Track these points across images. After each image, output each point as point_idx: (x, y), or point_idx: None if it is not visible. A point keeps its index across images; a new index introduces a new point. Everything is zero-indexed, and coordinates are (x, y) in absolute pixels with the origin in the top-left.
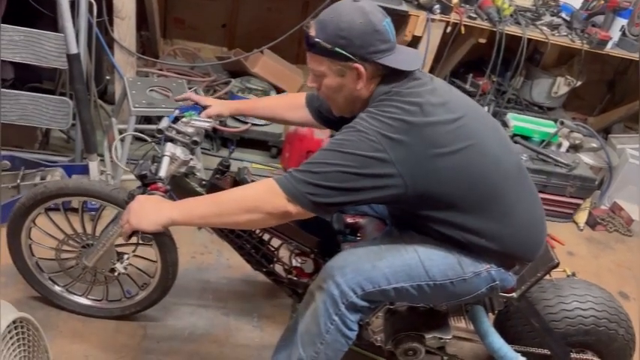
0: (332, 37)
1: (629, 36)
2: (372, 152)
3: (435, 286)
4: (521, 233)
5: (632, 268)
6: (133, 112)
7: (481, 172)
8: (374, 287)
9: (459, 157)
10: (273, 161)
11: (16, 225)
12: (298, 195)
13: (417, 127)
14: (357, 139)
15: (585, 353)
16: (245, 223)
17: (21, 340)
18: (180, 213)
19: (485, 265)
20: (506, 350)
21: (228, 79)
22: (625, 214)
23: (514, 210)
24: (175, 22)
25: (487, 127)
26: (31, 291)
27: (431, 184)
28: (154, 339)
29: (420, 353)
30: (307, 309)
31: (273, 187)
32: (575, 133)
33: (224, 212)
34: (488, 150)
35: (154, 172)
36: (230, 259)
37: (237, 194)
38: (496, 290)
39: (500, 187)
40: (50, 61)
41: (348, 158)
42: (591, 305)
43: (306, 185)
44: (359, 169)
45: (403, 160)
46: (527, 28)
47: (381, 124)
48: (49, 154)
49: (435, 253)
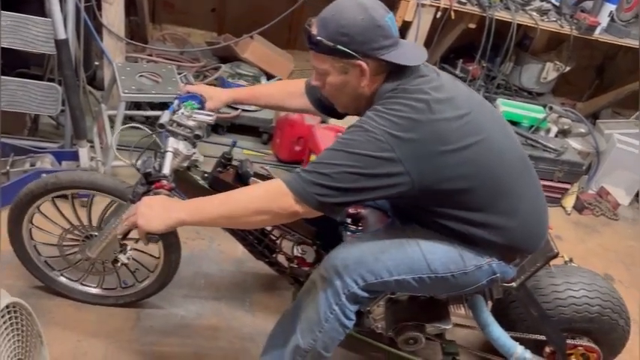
0: (333, 34)
1: (618, 21)
2: (379, 152)
3: (437, 279)
4: (526, 226)
5: (618, 251)
6: (123, 97)
7: (488, 167)
8: (376, 279)
9: (466, 154)
10: (264, 147)
11: (20, 210)
12: (306, 195)
13: (424, 125)
14: (365, 139)
15: (581, 339)
16: (254, 223)
17: (14, 325)
18: (188, 214)
19: (487, 258)
20: (505, 339)
21: (218, 65)
22: (612, 199)
23: (519, 204)
24: (164, 7)
25: (493, 122)
26: (24, 277)
27: (438, 180)
28: (146, 324)
29: (420, 341)
30: (308, 297)
31: (281, 187)
32: (563, 118)
33: (233, 214)
34: (494, 145)
35: (158, 169)
36: (222, 244)
37: (246, 195)
38: (496, 282)
39: (506, 182)
40: (38, 46)
41: (355, 159)
42: (598, 294)
43: (313, 186)
44: (367, 169)
45: (410, 157)
46: (517, 13)
47: (388, 122)
48: (39, 140)
49: (438, 247)
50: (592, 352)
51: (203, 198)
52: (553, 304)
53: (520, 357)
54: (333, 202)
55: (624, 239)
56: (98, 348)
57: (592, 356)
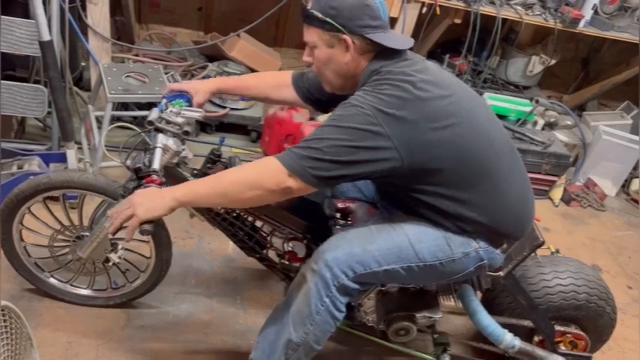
0: (324, 7)
1: (602, 14)
2: (367, 125)
3: (425, 267)
4: (512, 210)
5: (605, 242)
6: (110, 98)
7: (474, 147)
8: (365, 270)
9: (452, 131)
10: (253, 145)
11: (11, 210)
12: (299, 169)
13: (411, 103)
14: (353, 112)
15: (569, 327)
16: (248, 200)
17: (3, 329)
18: (183, 194)
19: (474, 244)
20: (494, 327)
21: (206, 64)
22: (599, 190)
23: (506, 186)
24: (150, 6)
25: (478, 107)
26: (13, 280)
27: (426, 157)
28: (137, 324)
29: (411, 332)
30: (299, 291)
31: (274, 163)
32: (550, 111)
33: (227, 190)
34: (479, 127)
35: (148, 164)
36: (211, 243)
37: (239, 172)
38: (484, 269)
39: (492, 163)
40: (22, 48)
41: (344, 132)
42: (584, 282)
43: (306, 159)
44: (355, 141)
45: (398, 134)
46: (502, 7)
47: (376, 99)
48: (26, 142)
49: (425, 236)
50: (580, 340)
51: (196, 180)
52: (542, 292)
53: (509, 344)
54: (325, 175)
55: (611, 230)
56: (89, 349)
57: (580, 344)
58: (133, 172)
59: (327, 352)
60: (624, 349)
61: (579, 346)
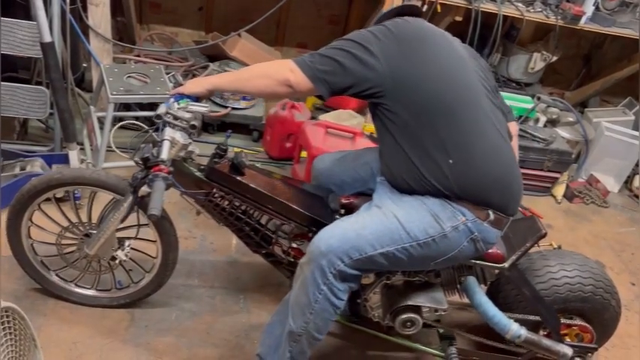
0: None
1: (603, 10)
2: (362, 41)
3: (419, 246)
4: (488, 170)
5: (608, 239)
6: (111, 99)
7: (450, 96)
8: (360, 254)
9: (430, 64)
10: (255, 145)
11: (22, 206)
12: (300, 61)
13: (394, 34)
14: (355, 32)
15: (575, 319)
16: (258, 86)
17: (7, 330)
18: (217, 79)
19: (460, 217)
20: (499, 317)
21: (207, 64)
22: (601, 186)
23: (472, 137)
24: (151, 7)
25: (464, 61)
26: (17, 281)
27: (406, 78)
28: (141, 323)
29: (417, 324)
30: (297, 282)
31: (286, 60)
32: (552, 107)
33: (247, 76)
34: (460, 75)
35: (156, 155)
36: (214, 242)
37: (260, 65)
38: (478, 243)
39: (452, 103)
40: (24, 49)
41: (345, 43)
42: (590, 275)
43: (309, 55)
44: (351, 49)
45: (384, 54)
46: (503, 4)
47: (371, 28)
48: (28, 144)
49: (413, 214)
50: (586, 332)
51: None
52: (548, 284)
53: (515, 334)
54: (319, 68)
55: (614, 226)
56: (93, 349)
57: (586, 336)
58: (141, 161)
59: (332, 350)
60: (628, 345)
61: (585, 339)
